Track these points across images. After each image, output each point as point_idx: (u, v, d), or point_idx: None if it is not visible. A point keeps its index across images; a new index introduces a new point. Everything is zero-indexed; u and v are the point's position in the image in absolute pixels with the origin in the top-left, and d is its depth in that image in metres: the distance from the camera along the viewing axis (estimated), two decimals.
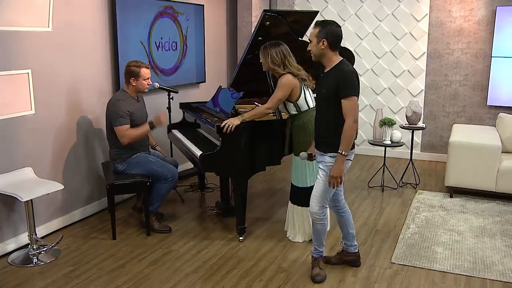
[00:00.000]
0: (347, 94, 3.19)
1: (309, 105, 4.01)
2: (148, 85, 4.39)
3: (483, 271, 3.72)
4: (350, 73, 3.22)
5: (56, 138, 4.37)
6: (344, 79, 3.20)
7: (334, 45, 3.27)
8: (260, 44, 4.35)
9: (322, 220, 3.47)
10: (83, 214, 4.73)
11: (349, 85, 3.20)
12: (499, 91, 6.40)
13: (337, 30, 3.28)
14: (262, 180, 6.04)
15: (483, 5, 6.39)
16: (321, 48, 3.27)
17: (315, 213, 3.44)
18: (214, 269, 3.75)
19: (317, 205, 3.42)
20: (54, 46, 4.25)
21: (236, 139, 4.03)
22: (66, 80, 4.42)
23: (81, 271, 3.69)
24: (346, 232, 3.74)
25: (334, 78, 3.24)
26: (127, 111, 4.23)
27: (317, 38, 3.27)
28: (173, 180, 4.37)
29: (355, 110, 3.21)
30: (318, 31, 3.27)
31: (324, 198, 3.41)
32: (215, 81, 6.79)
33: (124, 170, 4.35)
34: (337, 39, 3.28)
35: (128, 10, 5.02)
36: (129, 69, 4.29)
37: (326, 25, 3.28)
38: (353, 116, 3.20)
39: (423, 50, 6.79)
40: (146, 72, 4.32)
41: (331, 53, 3.29)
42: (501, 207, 5.08)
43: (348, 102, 3.19)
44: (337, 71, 3.26)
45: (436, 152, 7.01)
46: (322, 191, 3.40)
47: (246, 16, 6.97)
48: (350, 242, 3.76)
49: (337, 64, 3.29)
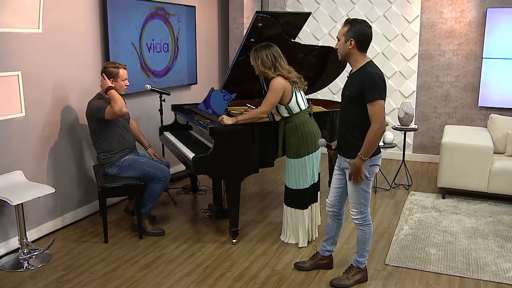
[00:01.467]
0: (372, 97, 3.07)
1: (300, 108, 3.99)
2: (126, 87, 4.32)
3: (476, 272, 3.72)
4: (376, 75, 3.09)
5: (46, 141, 4.33)
6: (369, 82, 3.07)
7: (362, 45, 3.14)
8: (253, 46, 4.34)
9: (362, 226, 3.41)
10: (74, 217, 4.68)
11: (375, 89, 3.07)
12: (490, 92, 6.43)
13: (366, 30, 3.13)
14: (255, 182, 6.02)
15: (473, 7, 6.42)
16: (348, 48, 3.14)
17: (354, 218, 3.40)
18: (207, 272, 3.72)
19: (354, 210, 3.37)
20: (45, 48, 4.21)
21: (228, 141, 4.01)
22: (57, 82, 4.37)
23: (73, 276, 3.65)
24: (331, 237, 3.69)
25: (359, 80, 3.13)
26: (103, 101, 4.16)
27: (345, 37, 3.13)
28: (166, 180, 4.34)
29: (382, 115, 3.09)
30: (346, 30, 3.13)
31: (360, 204, 3.34)
32: (207, 83, 6.77)
33: (115, 174, 4.31)
34: (366, 40, 3.14)
35: (119, 11, 4.98)
36: (108, 70, 4.22)
37: (356, 24, 3.12)
38: (379, 121, 3.07)
39: (414, 51, 6.81)
40: (124, 73, 4.26)
41: (358, 54, 3.16)
42: (493, 207, 5.10)
43: (374, 107, 3.07)
44: (362, 73, 3.14)
45: (428, 153, 7.03)
46: (356, 198, 3.33)
47: (237, 17, 6.95)
48: (330, 247, 3.73)
49: (363, 66, 3.16)
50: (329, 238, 3.71)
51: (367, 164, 3.22)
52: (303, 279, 3.62)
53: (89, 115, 4.25)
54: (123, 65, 4.30)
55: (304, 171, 4.04)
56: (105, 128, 4.23)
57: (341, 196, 3.50)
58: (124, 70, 4.26)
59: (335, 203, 3.56)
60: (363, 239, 3.45)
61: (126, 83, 4.32)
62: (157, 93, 5.23)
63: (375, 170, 3.32)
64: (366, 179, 3.27)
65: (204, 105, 4.76)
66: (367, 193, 3.33)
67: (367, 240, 3.46)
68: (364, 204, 3.35)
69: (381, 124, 3.09)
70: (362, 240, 3.46)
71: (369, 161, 3.22)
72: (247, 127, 4.09)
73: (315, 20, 7.22)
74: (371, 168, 3.27)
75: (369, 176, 3.28)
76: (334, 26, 7.17)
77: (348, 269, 3.56)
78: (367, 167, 3.24)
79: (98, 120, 4.18)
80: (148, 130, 5.51)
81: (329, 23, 7.22)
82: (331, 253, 3.78)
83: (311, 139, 4.00)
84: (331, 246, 3.73)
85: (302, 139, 3.98)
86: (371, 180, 3.33)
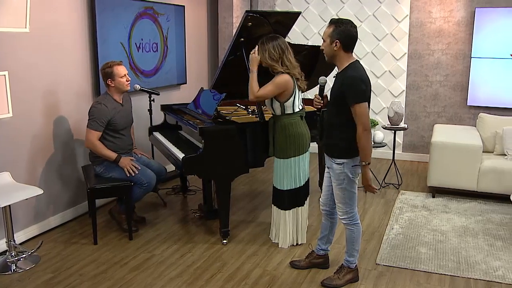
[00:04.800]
0: (352, 101, 3.06)
1: (294, 109, 3.96)
2: (127, 82, 4.29)
3: (466, 271, 3.73)
4: (355, 78, 3.06)
5: (34, 142, 4.27)
6: (348, 85, 3.06)
7: (347, 46, 3.11)
8: (242, 45, 4.33)
9: (349, 225, 3.41)
10: (63, 219, 4.63)
11: (352, 92, 3.05)
12: (478, 91, 6.47)
13: (351, 30, 3.10)
14: (245, 182, 6.00)
15: (462, 7, 6.45)
16: (334, 49, 3.12)
17: (341, 218, 3.40)
18: (198, 273, 3.70)
19: (341, 211, 3.38)
20: (32, 47, 4.15)
21: (219, 141, 3.99)
22: (45, 82, 4.32)
23: (62, 278, 3.61)
24: (325, 235, 3.70)
25: (340, 82, 3.13)
26: (104, 117, 4.15)
27: (330, 38, 3.11)
28: (148, 186, 4.29)
29: (364, 117, 3.06)
30: (331, 31, 3.11)
31: (346, 204, 3.34)
32: (197, 83, 6.74)
33: (101, 173, 4.28)
34: (351, 40, 3.12)
35: (108, 10, 4.94)
36: (103, 72, 4.22)
37: (341, 25, 3.09)
38: (362, 123, 3.06)
39: (404, 50, 6.83)
40: (120, 69, 4.22)
41: (344, 55, 3.14)
42: (482, 206, 5.12)
43: (355, 110, 3.06)
44: (344, 76, 3.13)
45: (417, 152, 7.05)
46: (341, 197, 3.33)
47: (227, 17, 6.93)
48: (324, 246, 3.73)
49: (346, 68, 3.14)
50: (323, 237, 3.71)
51: (349, 164, 3.23)
52: (295, 279, 3.61)
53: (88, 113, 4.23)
54: (117, 62, 4.26)
55: (289, 173, 4.02)
56: (104, 128, 4.20)
57: (332, 195, 3.49)
58: (118, 67, 4.21)
59: (327, 202, 3.56)
60: (352, 238, 3.45)
61: (127, 79, 4.28)
62: (146, 93, 5.19)
63: (358, 171, 3.30)
64: (349, 179, 3.27)
65: (193, 105, 4.74)
66: (352, 193, 3.33)
67: (356, 240, 3.46)
68: (350, 204, 3.35)
69: (364, 126, 3.08)
70: (351, 240, 3.46)
71: (351, 161, 3.23)
72: (238, 127, 4.08)
73: (305, 19, 7.21)
74: (353, 169, 3.26)
75: (351, 176, 3.27)
76: (323, 26, 7.16)
77: (339, 269, 3.55)
78: (349, 167, 3.24)
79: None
80: (137, 130, 5.46)
81: (319, 22, 7.22)
82: (327, 253, 3.77)
83: (299, 141, 3.97)
84: (326, 245, 3.73)
85: (290, 139, 3.95)
86: (355, 180, 3.32)
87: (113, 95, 4.27)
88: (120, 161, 4.21)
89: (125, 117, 4.39)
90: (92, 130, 4.14)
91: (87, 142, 4.19)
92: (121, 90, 4.29)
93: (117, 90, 4.27)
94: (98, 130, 4.15)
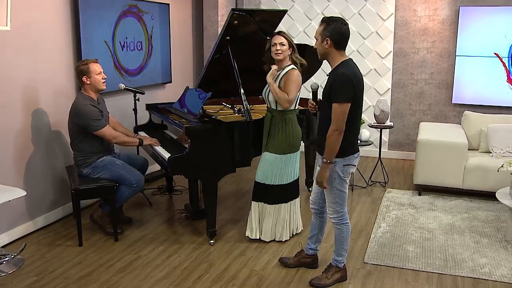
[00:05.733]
0: (335, 99, 3.04)
1: (296, 106, 3.99)
2: (103, 80, 4.22)
3: (454, 268, 3.75)
4: (344, 76, 3.04)
5: (16, 143, 4.19)
6: (336, 83, 3.05)
7: (338, 44, 3.10)
8: (228, 44, 4.29)
9: (338, 224, 3.40)
10: (47, 220, 4.55)
11: (339, 90, 3.03)
12: (463, 89, 6.51)
13: (343, 28, 3.09)
14: (231, 181, 5.96)
15: (446, 5, 6.48)
16: (325, 47, 3.11)
17: (331, 217, 3.40)
18: (185, 274, 3.66)
19: (330, 209, 3.37)
20: (14, 46, 4.07)
21: (205, 141, 3.95)
22: (27, 82, 4.24)
23: (46, 281, 3.54)
24: (314, 234, 3.68)
25: (331, 81, 3.12)
26: (97, 112, 4.12)
27: (321, 36, 3.11)
28: (137, 187, 4.25)
29: (340, 117, 3.04)
30: (322, 29, 3.10)
31: (336, 203, 3.33)
32: (182, 82, 6.68)
33: (89, 174, 4.22)
34: (343, 38, 3.10)
35: (92, 9, 4.86)
36: (78, 69, 4.15)
37: (332, 23, 3.08)
38: (336, 123, 3.04)
39: (389, 49, 6.85)
40: (95, 66, 4.15)
41: (336, 53, 3.13)
42: (468, 203, 5.15)
43: (334, 108, 3.05)
44: (334, 74, 3.12)
45: (403, 150, 7.08)
46: (331, 197, 3.33)
47: (212, 15, 6.88)
48: (314, 245, 3.72)
49: (337, 66, 3.13)
50: (312, 236, 3.69)
51: (340, 164, 3.21)
52: (283, 279, 3.59)
53: (75, 116, 4.14)
54: (93, 60, 4.20)
55: (283, 169, 4.02)
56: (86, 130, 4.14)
57: (322, 193, 3.47)
58: (94, 64, 4.15)
59: (316, 200, 3.55)
60: (341, 238, 3.44)
61: (103, 76, 4.22)
62: (131, 92, 5.14)
63: (350, 170, 3.29)
64: (339, 178, 3.26)
65: (179, 104, 4.69)
66: (342, 193, 3.32)
67: (345, 239, 3.44)
68: (340, 204, 3.34)
69: (337, 127, 3.06)
70: (340, 239, 3.45)
71: (343, 161, 3.21)
72: (224, 126, 4.04)
73: (290, 18, 7.19)
74: (345, 168, 3.25)
75: (342, 176, 3.26)
76: (309, 24, 7.16)
77: (327, 269, 3.54)
78: (341, 167, 3.23)
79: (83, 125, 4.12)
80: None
81: (304, 20, 7.20)
82: (316, 252, 3.75)
83: (297, 138, 4.02)
84: (315, 245, 3.71)
85: (289, 135, 3.96)
86: (346, 180, 3.31)
87: (89, 94, 4.19)
88: (143, 142, 4.41)
89: (104, 115, 4.33)
90: (102, 129, 4.12)
91: (111, 139, 4.20)
92: (96, 89, 4.21)
93: (92, 88, 4.19)
94: (105, 125, 4.15)
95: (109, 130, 4.19)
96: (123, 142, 4.31)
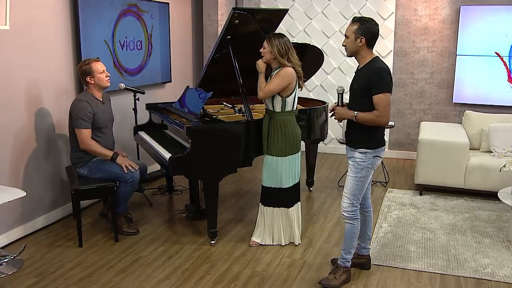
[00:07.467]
0: (378, 90, 3.20)
1: (293, 106, 3.96)
2: (107, 77, 4.20)
3: (456, 269, 3.73)
4: (383, 70, 3.23)
5: (15, 143, 4.16)
6: (377, 76, 3.21)
7: (370, 43, 3.27)
8: (229, 43, 4.27)
9: (351, 219, 3.40)
10: (47, 221, 4.52)
11: (382, 81, 3.20)
12: (464, 88, 6.50)
13: (375, 28, 3.28)
14: (231, 181, 5.94)
15: (447, 4, 6.47)
16: (358, 45, 3.26)
17: (344, 210, 3.40)
18: (186, 275, 3.63)
19: (347, 201, 3.38)
20: (13, 45, 4.04)
21: (206, 141, 3.93)
22: (27, 81, 4.21)
23: (46, 282, 3.51)
24: (362, 232, 3.65)
25: (368, 75, 3.24)
26: (88, 112, 4.06)
27: (354, 35, 3.25)
28: (133, 182, 4.21)
29: (386, 106, 3.21)
30: (356, 28, 3.25)
31: (354, 195, 3.37)
32: (182, 81, 6.66)
33: (87, 175, 4.19)
34: (374, 37, 3.29)
35: (91, 7, 4.83)
36: (81, 70, 4.13)
37: (365, 22, 3.25)
38: (381, 111, 3.20)
39: (389, 48, 6.83)
40: (98, 65, 4.13)
41: (367, 50, 3.29)
42: (469, 203, 5.14)
43: (379, 97, 3.20)
44: (371, 68, 3.26)
45: (404, 149, 7.06)
46: (351, 188, 3.37)
47: (212, 14, 6.85)
48: (364, 244, 3.69)
49: (371, 61, 3.29)
50: (361, 234, 3.65)
51: (370, 155, 3.31)
52: (285, 279, 3.57)
53: (71, 114, 4.12)
54: (94, 58, 4.18)
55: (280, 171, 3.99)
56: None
57: None
58: (96, 63, 4.13)
59: None
60: (352, 234, 3.44)
61: (107, 74, 4.20)
62: (131, 91, 5.11)
63: (377, 162, 3.39)
64: (367, 169, 3.33)
65: (179, 104, 4.66)
66: (363, 186, 3.37)
67: (355, 235, 3.46)
68: (357, 198, 3.39)
69: (383, 114, 3.20)
70: (351, 235, 3.44)
71: (373, 152, 3.32)
72: (225, 126, 4.02)
73: (290, 17, 7.16)
74: (374, 159, 3.33)
75: (370, 167, 3.33)
76: (309, 23, 7.14)
77: (335, 269, 3.52)
78: (370, 158, 3.32)
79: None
80: (122, 130, 5.37)
81: (304, 20, 7.17)
82: (368, 251, 3.73)
83: (296, 139, 4.00)
84: (364, 243, 3.69)
85: (288, 137, 3.94)
86: (371, 173, 3.37)
87: (93, 93, 4.18)
88: (117, 158, 4.15)
89: (107, 115, 4.31)
90: (82, 129, 4.05)
91: (82, 143, 4.09)
92: (101, 87, 4.20)
93: (97, 87, 4.18)
94: (87, 128, 4.07)
95: (86, 134, 4.08)
96: (93, 151, 4.14)
